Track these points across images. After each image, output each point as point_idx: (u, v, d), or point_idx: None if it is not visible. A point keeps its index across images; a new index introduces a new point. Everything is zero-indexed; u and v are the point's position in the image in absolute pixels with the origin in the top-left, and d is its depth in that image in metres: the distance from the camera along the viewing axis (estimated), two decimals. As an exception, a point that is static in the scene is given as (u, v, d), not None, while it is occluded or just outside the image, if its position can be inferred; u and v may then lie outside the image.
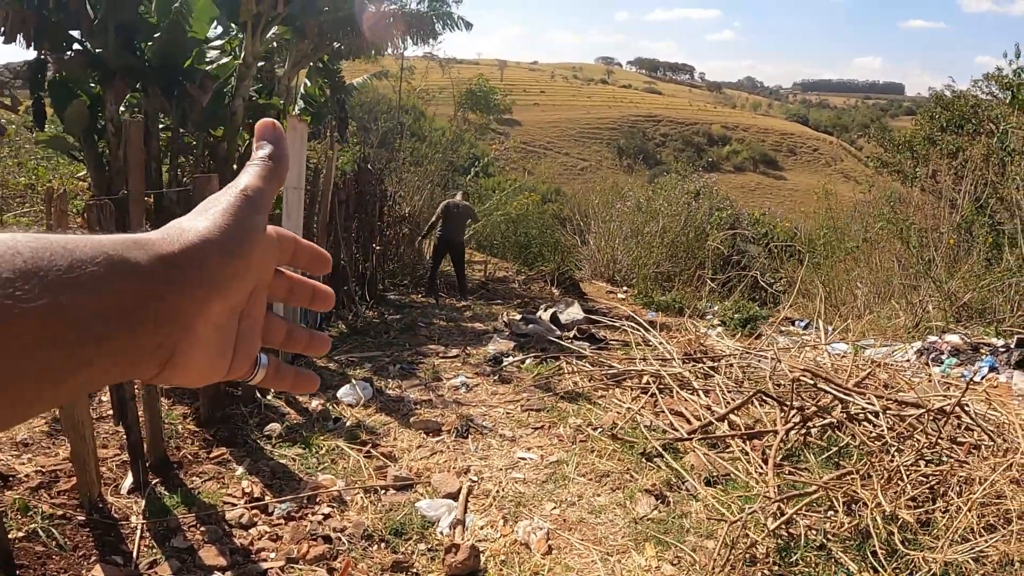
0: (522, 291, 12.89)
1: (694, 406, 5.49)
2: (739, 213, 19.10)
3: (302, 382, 0.61)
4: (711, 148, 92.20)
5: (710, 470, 4.49)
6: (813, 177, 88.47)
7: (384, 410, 5.15)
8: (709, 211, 17.02)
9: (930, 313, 9.75)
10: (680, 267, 15.17)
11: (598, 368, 6.18)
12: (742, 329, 9.53)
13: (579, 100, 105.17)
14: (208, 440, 4.43)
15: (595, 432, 4.87)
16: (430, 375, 6.01)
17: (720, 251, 15.49)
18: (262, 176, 0.52)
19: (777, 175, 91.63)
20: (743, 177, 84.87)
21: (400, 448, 4.50)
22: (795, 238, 16.84)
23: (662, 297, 12.29)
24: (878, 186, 17.40)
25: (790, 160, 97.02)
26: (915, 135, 19.27)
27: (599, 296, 13.49)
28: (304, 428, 4.75)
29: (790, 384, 5.99)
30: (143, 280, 0.42)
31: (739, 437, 5.00)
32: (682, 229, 15.78)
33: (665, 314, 11.27)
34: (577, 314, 7.82)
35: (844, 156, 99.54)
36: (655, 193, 18.15)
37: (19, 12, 7.37)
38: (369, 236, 9.13)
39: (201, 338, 0.47)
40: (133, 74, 8.39)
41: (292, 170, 5.71)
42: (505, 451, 4.57)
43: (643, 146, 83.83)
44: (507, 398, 5.52)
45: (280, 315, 0.58)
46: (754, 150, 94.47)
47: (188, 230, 0.47)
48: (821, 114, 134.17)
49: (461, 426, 4.81)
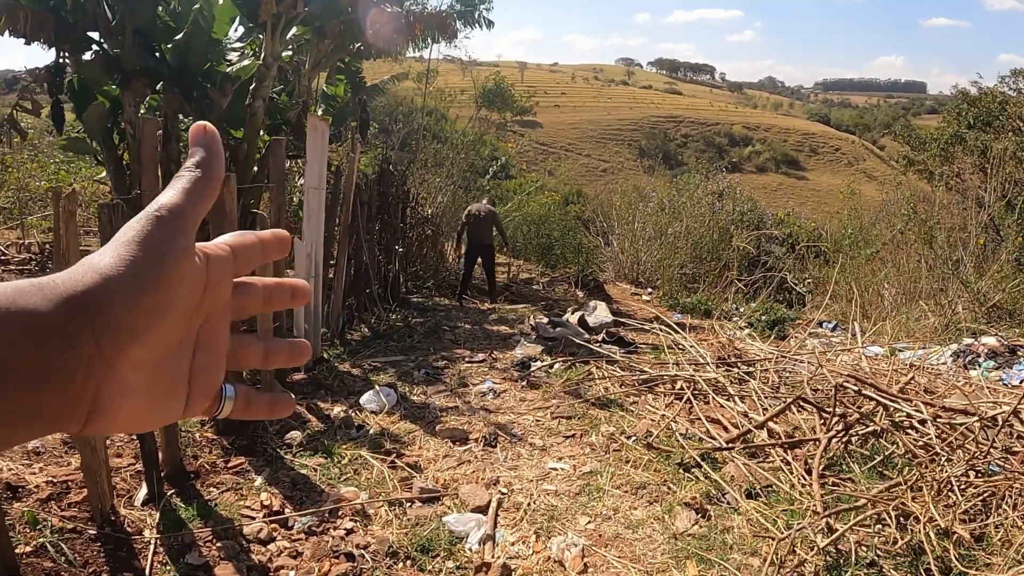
0: (546, 293, 12.71)
1: (731, 413, 5.26)
2: (763, 213, 18.85)
3: (278, 408, 0.55)
4: (732, 148, 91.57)
5: (751, 481, 4.26)
6: (835, 177, 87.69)
7: (409, 417, 4.97)
8: (733, 211, 16.82)
9: (960, 314, 9.54)
10: (705, 268, 14.92)
11: (629, 373, 5.95)
12: (770, 331, 9.26)
13: (600, 101, 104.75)
14: (226, 449, 4.27)
15: (629, 441, 4.65)
16: (456, 381, 5.81)
17: (747, 251, 15.22)
18: (185, 191, 0.46)
19: (799, 175, 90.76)
20: (765, 177, 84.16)
21: (426, 458, 4.31)
22: (821, 239, 16.53)
23: (688, 299, 12.02)
24: (904, 185, 17.11)
25: (812, 160, 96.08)
26: (942, 132, 18.94)
27: (623, 298, 13.30)
28: (326, 436, 4.57)
29: (832, 390, 5.78)
30: (43, 330, 0.38)
31: (779, 446, 4.77)
32: (706, 230, 15.51)
33: (691, 316, 11.08)
34: (605, 317, 7.60)
35: (866, 156, 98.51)
36: (678, 192, 17.96)
37: (37, 13, 7.30)
38: (392, 238, 8.97)
39: (130, 384, 0.42)
40: (152, 75, 8.31)
41: (313, 170, 5.55)
42: (535, 461, 4.36)
43: (664, 147, 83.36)
44: (536, 405, 5.30)
45: (303, 324, 0.44)
46: (776, 150, 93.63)
47: (94, 267, 0.41)
48: (843, 113, 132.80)
49: (489, 435, 4.61)
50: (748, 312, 11.19)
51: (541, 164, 55.90)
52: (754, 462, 4.54)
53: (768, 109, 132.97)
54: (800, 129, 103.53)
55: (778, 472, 4.43)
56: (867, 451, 4.79)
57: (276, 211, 5.16)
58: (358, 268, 7.64)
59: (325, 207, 5.98)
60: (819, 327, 10.28)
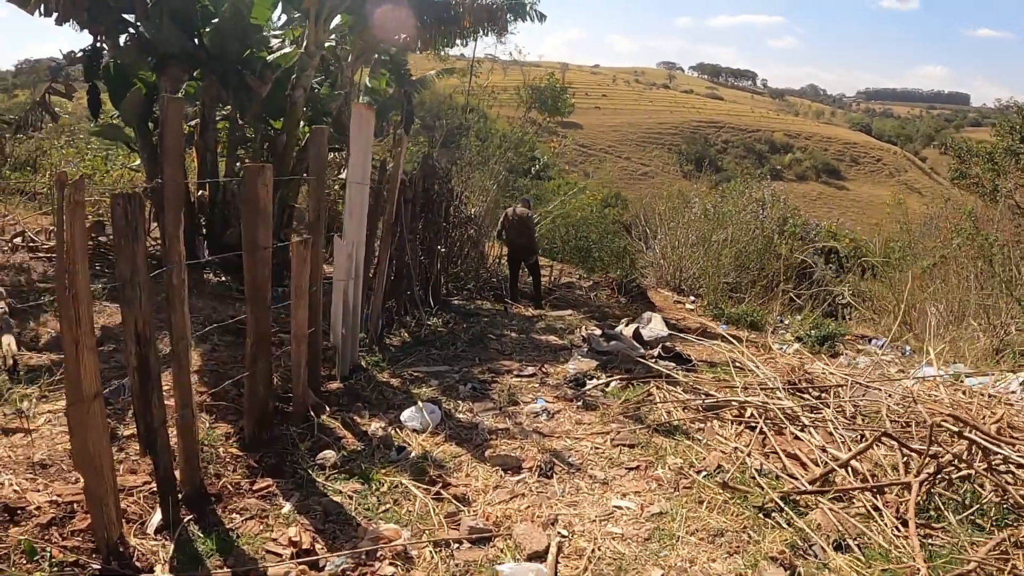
0: (589, 299, 12.22)
1: (809, 447, 4.71)
2: (807, 223, 18.27)
3: None
4: (773, 156, 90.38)
5: (839, 531, 3.72)
6: (876, 188, 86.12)
7: (454, 439, 4.49)
8: (781, 220, 16.28)
9: (1012, 335, 9.00)
10: (750, 278, 14.38)
11: (693, 396, 5.42)
12: (820, 347, 8.70)
13: (640, 104, 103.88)
14: (252, 468, 3.82)
15: (700, 476, 4.13)
16: (505, 398, 5.30)
17: (799, 261, 14.64)
18: None
19: (839, 185, 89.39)
20: (805, 186, 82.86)
21: (474, 488, 3.82)
22: (869, 252, 15.93)
23: (733, 309, 11.46)
24: (953, 199, 16.48)
25: (853, 170, 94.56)
26: (996, 147, 18.22)
27: (667, 306, 12.79)
28: (363, 457, 4.11)
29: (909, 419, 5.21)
30: None
31: (868, 490, 4.21)
32: (750, 239, 14.93)
33: (736, 327, 10.57)
34: (661, 330, 7.08)
35: (908, 167, 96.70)
36: (722, 199, 17.44)
37: (71, -9, 6.98)
38: (434, 237, 8.53)
39: None
40: (189, 61, 7.98)
41: (356, 163, 5.12)
42: (597, 497, 3.85)
43: (705, 152, 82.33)
44: (594, 429, 4.79)
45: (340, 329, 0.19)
46: (816, 159, 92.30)
47: None
48: (885, 123, 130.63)
49: (544, 463, 4.11)
50: (795, 325, 10.68)
51: (580, 166, 55.40)
52: (839, 506, 4.00)
53: (810, 117, 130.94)
54: (842, 138, 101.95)
55: (868, 520, 3.89)
56: (958, 496, 4.22)
57: (315, 206, 4.73)
58: (399, 269, 7.20)
59: (368, 204, 5.54)
60: (868, 343, 9.73)
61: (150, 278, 2.92)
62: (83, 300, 2.53)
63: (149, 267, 2.94)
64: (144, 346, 2.91)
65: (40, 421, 3.96)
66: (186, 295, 3.25)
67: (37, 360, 4.93)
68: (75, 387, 2.52)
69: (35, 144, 11.04)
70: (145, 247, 2.91)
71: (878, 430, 4.93)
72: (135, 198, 2.83)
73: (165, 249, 3.17)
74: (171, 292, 3.18)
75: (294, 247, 4.26)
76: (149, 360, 2.94)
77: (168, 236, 3.16)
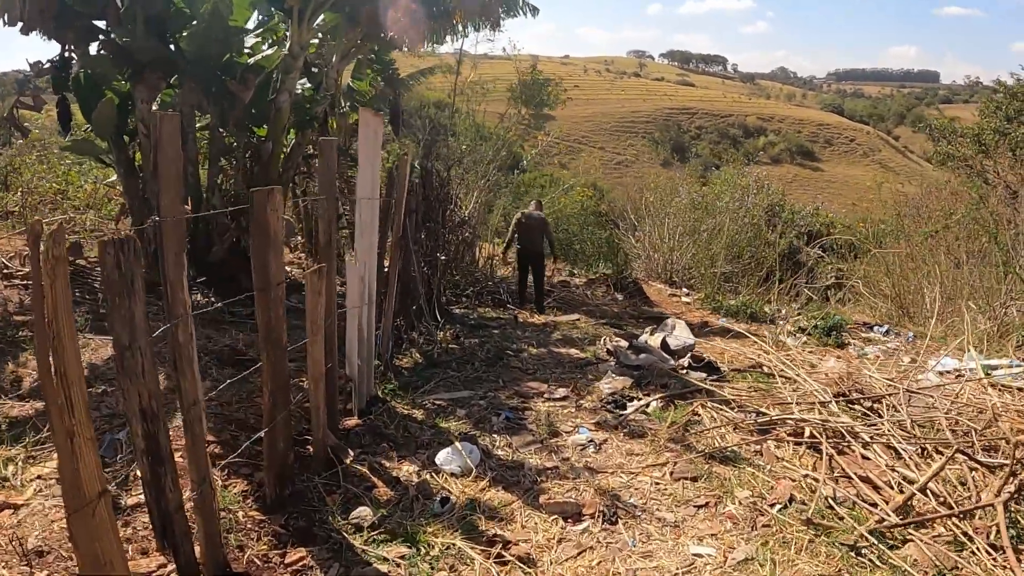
0: (586, 298, 11.81)
1: (879, 467, 4.32)
2: (793, 208, 18.27)
3: None
4: (747, 140, 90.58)
5: (937, 566, 3.34)
6: (851, 168, 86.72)
7: (500, 482, 4.00)
8: (770, 208, 16.19)
9: (1013, 317, 8.84)
10: (741, 267, 14.17)
11: (742, 414, 5.00)
12: (827, 338, 8.40)
13: (612, 94, 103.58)
14: (279, 535, 3.32)
15: (775, 511, 3.71)
16: (544, 428, 4.81)
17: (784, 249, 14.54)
18: None
19: (814, 166, 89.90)
20: (780, 169, 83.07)
21: (536, 544, 3.34)
22: (860, 236, 15.85)
23: (731, 301, 11.16)
24: (931, 180, 16.47)
25: (827, 151, 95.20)
26: (982, 127, 18.20)
27: (662, 300, 12.47)
28: (401, 512, 3.62)
29: (966, 427, 4.84)
30: None
31: (955, 516, 3.82)
32: (740, 227, 14.70)
33: (736, 319, 10.32)
34: (688, 338, 6.65)
35: (882, 146, 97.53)
36: (711, 188, 17.24)
37: (36, 0, 6.40)
38: (434, 246, 8.05)
39: None
40: (166, 68, 7.43)
41: (366, 177, 4.63)
42: (672, 544, 3.41)
43: (679, 139, 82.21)
44: (647, 461, 4.33)
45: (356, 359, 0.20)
46: (790, 141, 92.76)
47: None
48: (856, 104, 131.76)
49: (607, 508, 3.66)
50: (791, 314, 10.41)
51: (556, 157, 55.02)
52: (923, 533, 3.62)
53: (781, 100, 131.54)
54: (814, 120, 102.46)
55: (957, 549, 3.51)
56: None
57: (326, 228, 4.21)
58: (405, 284, 6.72)
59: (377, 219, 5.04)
60: (870, 331, 9.48)
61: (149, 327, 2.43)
62: (75, 380, 1.98)
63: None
64: (152, 423, 2.42)
65: (29, 492, 3.42)
66: (195, 354, 2.76)
67: (20, 411, 4.36)
68: (74, 491, 2.00)
69: (5, 160, 10.37)
70: (144, 304, 2.40)
71: (941, 442, 4.56)
72: (129, 244, 2.31)
73: (167, 300, 2.67)
74: (177, 351, 2.68)
75: (307, 277, 3.77)
76: (159, 440, 2.45)
77: (170, 283, 2.65)
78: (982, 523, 3.80)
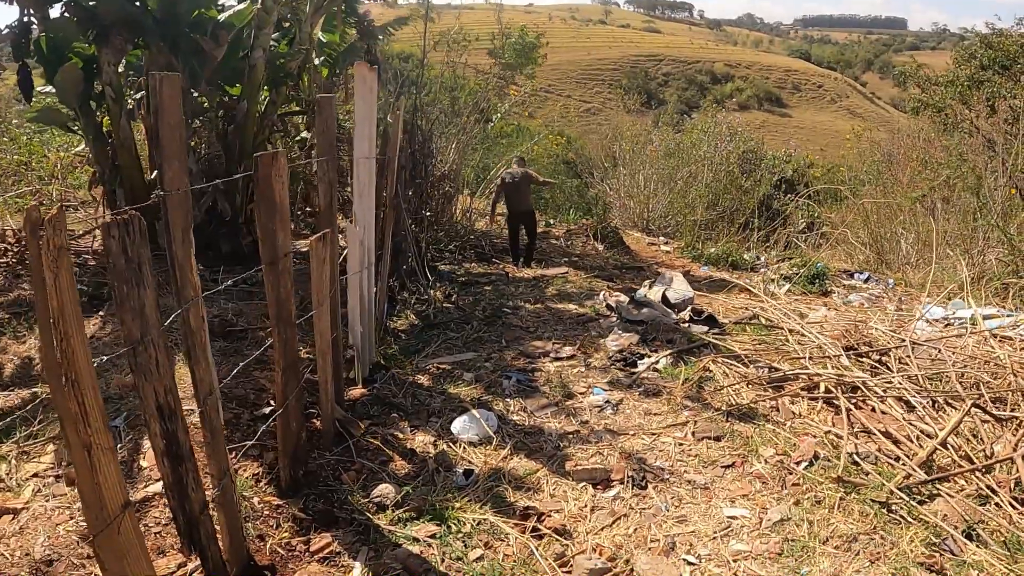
0: (567, 248, 11.68)
1: (897, 421, 4.26)
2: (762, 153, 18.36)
3: None
4: (714, 86, 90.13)
5: (965, 520, 3.31)
6: (819, 114, 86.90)
7: (521, 449, 3.87)
8: (748, 156, 16.21)
9: (991, 264, 8.90)
10: (717, 214, 14.36)
11: (754, 370, 4.92)
12: (811, 286, 8.41)
13: (578, 42, 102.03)
14: (300, 520, 3.16)
15: (802, 469, 3.64)
16: (558, 390, 4.68)
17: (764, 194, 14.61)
18: None
19: (782, 112, 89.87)
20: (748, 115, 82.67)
21: (569, 514, 3.24)
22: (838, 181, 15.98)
23: (711, 250, 11.15)
24: (900, 124, 16.50)
25: (795, 97, 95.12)
26: (958, 75, 18.16)
27: (642, 249, 12.41)
28: (423, 484, 3.49)
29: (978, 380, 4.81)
30: None
31: (978, 471, 3.79)
32: (715, 174, 14.65)
33: (716, 267, 10.43)
34: (686, 291, 6.53)
35: (849, 92, 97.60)
36: (686, 135, 17.11)
37: (-9, -42, 5.97)
38: (420, 203, 7.81)
39: None
40: (133, 28, 7.02)
41: (363, 134, 4.39)
42: (705, 507, 3.32)
43: (646, 86, 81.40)
44: (667, 421, 4.23)
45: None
46: (758, 87, 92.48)
47: None
48: (823, 50, 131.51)
49: (635, 472, 3.57)
50: (771, 262, 10.56)
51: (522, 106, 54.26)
52: (948, 488, 3.59)
53: (748, 46, 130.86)
54: (781, 66, 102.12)
55: (983, 503, 3.49)
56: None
57: (326, 191, 3.98)
58: (396, 243, 6.51)
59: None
60: (851, 278, 9.51)
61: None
62: (87, 386, 1.77)
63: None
64: (170, 421, 2.22)
65: (27, 493, 3.20)
66: (207, 338, 2.56)
67: (4, 402, 4.12)
68: (96, 509, 1.79)
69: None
70: (155, 291, 2.16)
71: (952, 394, 4.53)
72: (135, 223, 2.06)
73: (176, 282, 2.45)
74: (190, 337, 2.48)
75: (312, 244, 3.56)
76: (179, 438, 2.25)
77: (179, 264, 2.43)
78: (1005, 477, 3.78)
